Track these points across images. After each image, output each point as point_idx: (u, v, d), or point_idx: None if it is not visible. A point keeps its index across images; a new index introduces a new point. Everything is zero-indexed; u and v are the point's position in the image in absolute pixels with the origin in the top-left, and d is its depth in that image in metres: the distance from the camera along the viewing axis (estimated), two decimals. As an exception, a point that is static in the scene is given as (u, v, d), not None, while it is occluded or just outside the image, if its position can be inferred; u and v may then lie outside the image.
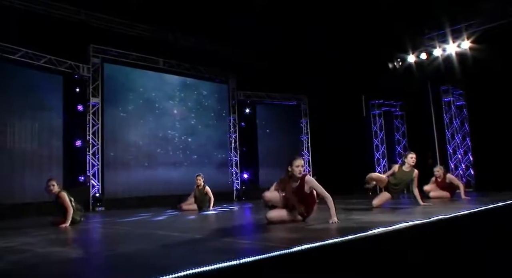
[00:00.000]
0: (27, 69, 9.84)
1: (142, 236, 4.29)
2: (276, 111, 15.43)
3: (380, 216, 5.06)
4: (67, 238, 4.51)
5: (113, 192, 11.03)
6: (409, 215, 5.07)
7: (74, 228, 5.65)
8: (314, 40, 12.83)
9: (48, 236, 4.69)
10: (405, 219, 4.36)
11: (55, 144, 10.24)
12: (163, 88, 12.69)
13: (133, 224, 5.69)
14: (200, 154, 13.14)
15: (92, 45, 11.20)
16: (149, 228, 5.06)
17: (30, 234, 5.01)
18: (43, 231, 5.47)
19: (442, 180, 8.58)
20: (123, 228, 5.18)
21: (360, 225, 4.10)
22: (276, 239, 3.57)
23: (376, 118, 14.09)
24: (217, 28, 12.55)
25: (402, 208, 6.31)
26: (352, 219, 4.72)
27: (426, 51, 11.74)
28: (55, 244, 4.00)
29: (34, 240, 4.33)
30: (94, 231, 5.28)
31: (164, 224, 5.64)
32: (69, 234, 5.01)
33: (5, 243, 4.27)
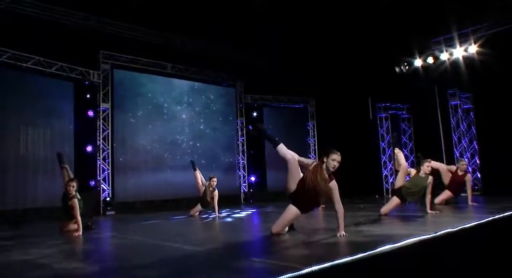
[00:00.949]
0: (39, 76, 10.00)
1: (155, 248, 4.37)
2: (283, 114, 15.49)
3: (388, 228, 5.10)
4: (82, 251, 4.60)
5: (122, 196, 11.16)
6: (417, 226, 5.08)
7: (87, 237, 5.76)
8: (321, 43, 12.88)
9: (63, 247, 4.80)
10: (413, 232, 4.41)
11: (67, 149, 10.34)
12: (171, 93, 12.79)
13: (144, 232, 5.78)
14: (208, 158, 13.22)
15: (102, 52, 11.33)
16: (162, 237, 5.14)
17: (46, 244, 5.12)
18: (57, 240, 5.59)
19: (461, 176, 8.42)
20: (135, 238, 5.27)
21: (369, 239, 4.13)
22: (287, 256, 3.63)
23: (382, 121, 14.07)
24: (225, 32, 12.61)
25: (410, 217, 6.33)
26: (361, 232, 4.76)
27: (433, 55, 11.70)
28: (71, 258, 4.10)
29: (50, 252, 4.43)
30: (106, 241, 5.37)
31: (176, 232, 5.71)
32: (83, 245, 5.10)
33: (22, 255, 4.37)
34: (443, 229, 4.38)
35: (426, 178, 6.57)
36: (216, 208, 8.50)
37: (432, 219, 5.91)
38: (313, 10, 11.94)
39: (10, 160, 9.28)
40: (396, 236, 4.22)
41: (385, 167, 13.88)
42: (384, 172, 13.83)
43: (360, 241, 4.05)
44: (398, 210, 7.43)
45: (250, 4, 11.67)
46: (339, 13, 11.75)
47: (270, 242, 4.47)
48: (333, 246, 3.95)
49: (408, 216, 6.40)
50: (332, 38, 12.61)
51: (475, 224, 4.90)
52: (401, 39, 11.88)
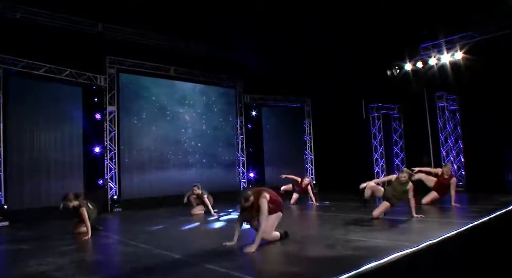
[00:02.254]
0: (50, 83, 10.08)
1: (161, 260, 4.53)
2: (280, 113, 15.59)
3: (377, 235, 5.26)
4: (92, 262, 4.75)
5: (129, 194, 11.32)
6: (401, 235, 5.24)
7: (96, 243, 5.94)
8: (317, 45, 12.94)
9: (75, 256, 4.96)
10: (396, 242, 4.58)
11: (76, 150, 10.52)
12: (174, 94, 12.86)
13: (151, 239, 5.93)
14: (209, 156, 13.38)
15: (108, 57, 11.37)
16: (168, 246, 5.28)
17: (59, 250, 5.29)
18: (69, 244, 5.77)
19: (447, 179, 8.55)
20: (142, 245, 5.43)
21: (355, 253, 4.29)
22: (275, 274, 3.79)
23: (375, 120, 14.19)
24: (225, 35, 12.65)
25: (396, 222, 6.49)
26: (349, 242, 4.92)
27: (422, 60, 11.78)
28: (83, 270, 4.26)
29: (63, 262, 4.59)
30: (114, 248, 5.52)
31: (179, 240, 5.86)
32: (93, 254, 5.26)
33: (38, 264, 4.54)
34: (425, 241, 4.55)
35: (406, 184, 6.71)
36: (210, 209, 8.96)
37: (416, 225, 6.07)
38: (309, 14, 11.98)
39: (24, 162, 9.42)
40: (379, 248, 4.38)
41: (377, 164, 14.04)
42: (376, 168, 14.00)
43: (345, 256, 4.19)
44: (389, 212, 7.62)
45: (249, 7, 11.74)
46: (336, 18, 11.81)
47: (264, 256, 4.61)
48: (323, 262, 4.09)
49: (394, 221, 6.55)
50: (328, 40, 12.69)
51: (456, 232, 5.07)
52: (393, 44, 11.97)
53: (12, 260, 5.00)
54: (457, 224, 5.79)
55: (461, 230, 5.19)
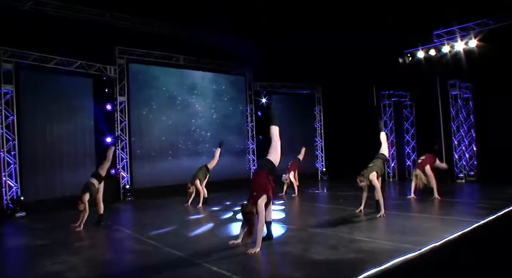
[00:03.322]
0: (61, 75, 10.22)
1: (168, 260, 4.71)
2: (291, 100, 15.55)
3: (381, 236, 5.33)
4: (103, 261, 4.94)
5: (140, 183, 11.56)
6: (408, 235, 5.29)
7: (108, 237, 6.15)
8: (328, 31, 12.76)
9: (87, 254, 5.17)
10: (403, 241, 4.65)
11: (88, 141, 10.73)
12: (183, 83, 12.91)
13: (160, 235, 6.12)
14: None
15: (118, 47, 11.42)
16: (176, 243, 5.44)
17: (73, 247, 5.53)
18: (83, 239, 6.00)
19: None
20: (152, 242, 5.63)
21: (357, 256, 4.39)
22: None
23: (386, 108, 14.05)
24: (234, 22, 12.54)
25: (405, 219, 6.54)
26: (354, 242, 5.00)
27: (435, 48, 11.52)
28: (95, 271, 4.46)
29: (76, 261, 4.80)
30: (125, 245, 5.71)
31: (187, 238, 6.00)
32: (105, 251, 5.47)
33: (53, 262, 4.75)
34: (428, 244, 4.61)
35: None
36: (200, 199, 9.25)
37: (422, 223, 6.10)
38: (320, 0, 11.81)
39: (38, 154, 9.67)
40: (382, 251, 4.47)
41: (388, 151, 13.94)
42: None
43: (347, 260, 4.29)
44: (397, 208, 7.69)
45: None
46: (347, 3, 11.61)
47: (265, 258, 4.74)
48: (328, 265, 4.19)
49: (401, 218, 6.61)
50: (339, 27, 12.50)
51: (460, 234, 5.12)
52: (405, 31, 11.71)
53: (29, 258, 5.23)
54: (462, 223, 5.81)
55: (465, 231, 5.23)
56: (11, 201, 8.99)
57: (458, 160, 12.09)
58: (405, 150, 13.93)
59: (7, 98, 9.19)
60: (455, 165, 12.06)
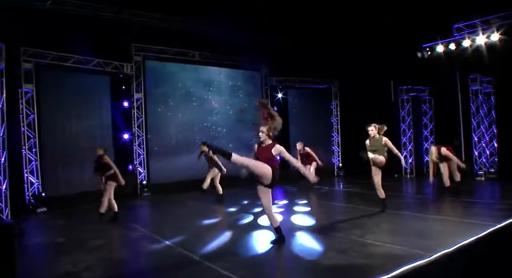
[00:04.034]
0: (79, 73, 10.42)
1: (180, 262, 4.81)
2: (307, 95, 15.45)
3: (393, 239, 5.30)
4: (118, 261, 5.08)
5: (157, 178, 11.75)
6: (421, 238, 5.24)
7: (123, 236, 6.32)
8: (345, 26, 12.59)
9: (104, 253, 5.34)
10: (415, 245, 4.62)
11: (106, 138, 10.95)
12: (199, 79, 12.98)
13: (174, 234, 6.24)
14: (235, 140, 13.50)
15: (134, 44, 11.56)
16: (189, 244, 5.54)
17: (90, 245, 5.71)
18: (100, 237, 6.18)
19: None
20: (166, 242, 5.76)
21: (369, 262, 4.39)
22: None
23: (404, 103, 13.81)
24: (250, 17, 12.49)
25: (420, 221, 6.49)
26: (365, 246, 4.99)
27: (455, 42, 11.20)
28: (109, 271, 4.60)
29: (92, 260, 4.96)
30: (140, 245, 5.85)
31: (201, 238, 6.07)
32: (119, 251, 5.62)
33: (70, 262, 4.92)
34: (440, 250, 4.56)
35: (380, 139, 7.21)
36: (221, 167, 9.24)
37: (436, 226, 6.03)
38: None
39: (58, 151, 9.95)
40: (392, 257, 4.45)
41: (405, 147, 13.77)
42: (404, 152, 13.74)
43: (357, 266, 4.29)
44: (410, 207, 7.61)
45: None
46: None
47: (282, 262, 4.79)
48: (329, 273, 4.20)
49: (416, 219, 6.54)
50: (357, 20, 12.31)
51: (473, 239, 5.03)
52: (424, 24, 11.44)
53: (49, 257, 5.45)
54: (478, 226, 5.71)
55: (480, 235, 5.14)
56: (32, 196, 9.32)
57: (478, 157, 11.82)
58: (423, 146, 13.71)
59: (28, 97, 9.47)
60: (474, 162, 11.81)
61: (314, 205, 8.91)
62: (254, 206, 8.50)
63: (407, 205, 8.14)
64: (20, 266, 4.76)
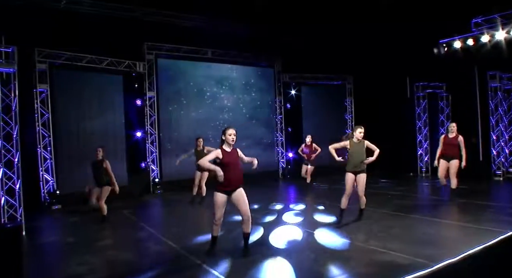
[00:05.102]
0: (92, 72, 10.56)
1: (183, 266, 4.85)
2: (321, 91, 15.27)
3: (398, 246, 5.19)
4: (123, 262, 5.15)
5: (170, 175, 11.86)
6: (427, 247, 5.13)
7: (130, 236, 6.41)
8: (360, 21, 12.35)
9: (110, 254, 5.43)
10: (420, 254, 4.52)
11: (119, 136, 11.10)
12: (212, 77, 12.99)
13: (181, 236, 6.30)
14: (248, 136, 13.49)
15: (146, 43, 11.63)
16: (195, 248, 5.54)
17: (97, 246, 5.82)
18: (107, 237, 6.30)
19: (452, 138, 8.20)
20: (171, 244, 5.82)
21: (370, 270, 4.33)
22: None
23: (420, 100, 13.48)
24: (262, 13, 12.40)
25: (429, 225, 6.36)
26: (368, 253, 4.93)
27: (473, 37, 10.83)
28: (113, 273, 4.69)
29: (98, 262, 5.07)
30: (146, 246, 5.92)
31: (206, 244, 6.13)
32: (125, 252, 5.70)
33: (78, 263, 5.04)
34: (444, 259, 4.45)
35: (362, 143, 6.62)
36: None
37: (445, 233, 5.89)
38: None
39: (72, 149, 10.14)
40: (395, 266, 4.37)
41: (421, 146, 13.47)
42: (419, 150, 13.46)
43: (357, 275, 4.24)
44: (420, 210, 7.45)
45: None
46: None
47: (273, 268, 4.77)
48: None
49: (426, 223, 6.40)
50: (372, 15, 12.05)
51: (482, 248, 4.89)
52: (441, 19, 11.10)
53: (57, 257, 5.60)
54: (489, 233, 5.54)
55: (488, 244, 4.98)
56: (47, 194, 9.56)
57: (496, 156, 11.47)
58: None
59: (43, 97, 9.67)
60: (492, 161, 11.46)
61: (319, 205, 8.84)
62: (268, 209, 8.47)
63: (417, 207, 7.98)
64: (27, 266, 4.94)
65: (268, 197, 9.84)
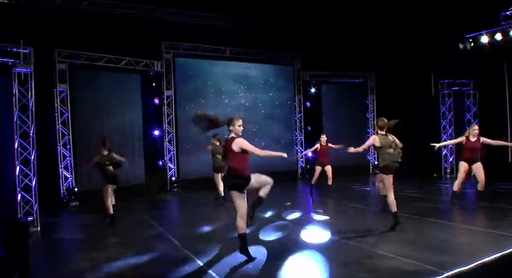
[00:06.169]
0: (110, 72, 10.71)
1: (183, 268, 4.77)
2: (341, 89, 14.94)
3: (407, 252, 4.91)
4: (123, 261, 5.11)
5: (187, 174, 11.90)
6: (439, 253, 4.83)
7: (139, 234, 6.41)
8: (382, 17, 11.95)
9: (113, 252, 5.43)
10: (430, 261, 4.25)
11: (137, 134, 11.22)
12: (230, 76, 12.94)
13: (188, 237, 6.22)
14: (267, 135, 13.36)
15: (164, 42, 11.70)
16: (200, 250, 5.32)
17: (103, 243, 5.85)
18: (116, 234, 6.32)
19: (474, 142, 7.56)
20: (176, 244, 5.77)
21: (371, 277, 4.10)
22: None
23: (445, 98, 12.91)
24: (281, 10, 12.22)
25: (443, 231, 6.03)
26: (373, 258, 4.68)
27: (501, 31, 10.24)
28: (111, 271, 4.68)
29: (100, 259, 5.07)
30: (151, 244, 5.89)
31: (214, 243, 6.03)
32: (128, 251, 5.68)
33: (80, 260, 5.07)
34: (455, 267, 4.16)
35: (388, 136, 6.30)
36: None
37: (460, 238, 5.53)
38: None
39: (91, 147, 10.17)
40: (399, 273, 4.12)
41: (445, 146, 12.90)
42: (444, 151, 12.91)
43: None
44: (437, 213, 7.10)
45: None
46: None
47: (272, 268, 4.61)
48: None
49: (440, 228, 6.06)
50: (395, 10, 11.63)
51: (498, 256, 4.55)
52: (467, 13, 10.56)
53: (63, 254, 5.66)
54: (509, 239, 5.17)
55: (505, 252, 4.63)
56: (66, 191, 9.78)
57: (526, 157, 10.83)
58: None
59: (62, 97, 9.89)
60: (523, 163, 10.84)
61: (335, 207, 8.61)
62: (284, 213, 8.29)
63: (436, 210, 7.58)
64: (33, 259, 5.04)
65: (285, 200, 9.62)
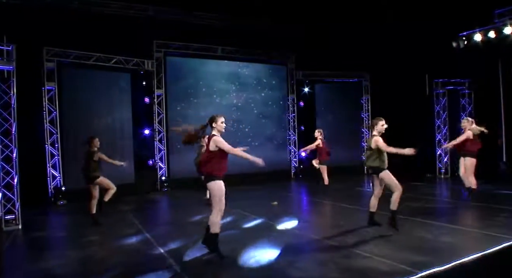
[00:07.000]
0: (100, 71, 10.60)
1: (151, 269, 4.64)
2: (335, 89, 14.80)
3: (386, 251, 4.78)
4: (95, 258, 5.00)
5: (177, 173, 11.77)
6: (418, 253, 4.68)
7: (119, 239, 6.29)
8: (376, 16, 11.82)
9: (87, 251, 5.31)
10: (407, 261, 4.11)
11: (126, 133, 11.10)
12: (222, 75, 12.82)
13: (171, 241, 6.09)
14: (260, 135, 13.26)
15: (155, 41, 11.60)
16: (175, 252, 5.21)
17: (79, 243, 5.73)
18: (96, 233, 6.20)
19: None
20: (152, 246, 5.64)
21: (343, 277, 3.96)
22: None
23: (439, 97, 12.73)
24: (274, 9, 12.12)
25: (430, 230, 5.87)
26: (350, 257, 4.54)
27: (495, 29, 10.08)
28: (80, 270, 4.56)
29: (73, 257, 4.95)
30: (123, 245, 5.78)
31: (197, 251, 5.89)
32: (101, 249, 5.56)
33: (53, 257, 4.95)
34: (431, 267, 4.02)
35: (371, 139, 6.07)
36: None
37: (445, 238, 5.35)
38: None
39: (79, 146, 10.02)
40: (373, 273, 3.98)
41: (440, 145, 12.71)
42: (438, 150, 12.72)
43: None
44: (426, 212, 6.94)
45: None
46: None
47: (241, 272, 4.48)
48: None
49: (427, 228, 5.90)
50: (388, 9, 11.51)
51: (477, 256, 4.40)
52: (460, 10, 10.40)
53: (37, 252, 5.54)
54: (494, 239, 5.00)
55: (487, 252, 4.47)
56: (54, 189, 9.68)
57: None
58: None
59: (51, 95, 9.81)
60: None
61: (323, 207, 8.45)
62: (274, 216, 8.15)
63: (424, 210, 7.41)
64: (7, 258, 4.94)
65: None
